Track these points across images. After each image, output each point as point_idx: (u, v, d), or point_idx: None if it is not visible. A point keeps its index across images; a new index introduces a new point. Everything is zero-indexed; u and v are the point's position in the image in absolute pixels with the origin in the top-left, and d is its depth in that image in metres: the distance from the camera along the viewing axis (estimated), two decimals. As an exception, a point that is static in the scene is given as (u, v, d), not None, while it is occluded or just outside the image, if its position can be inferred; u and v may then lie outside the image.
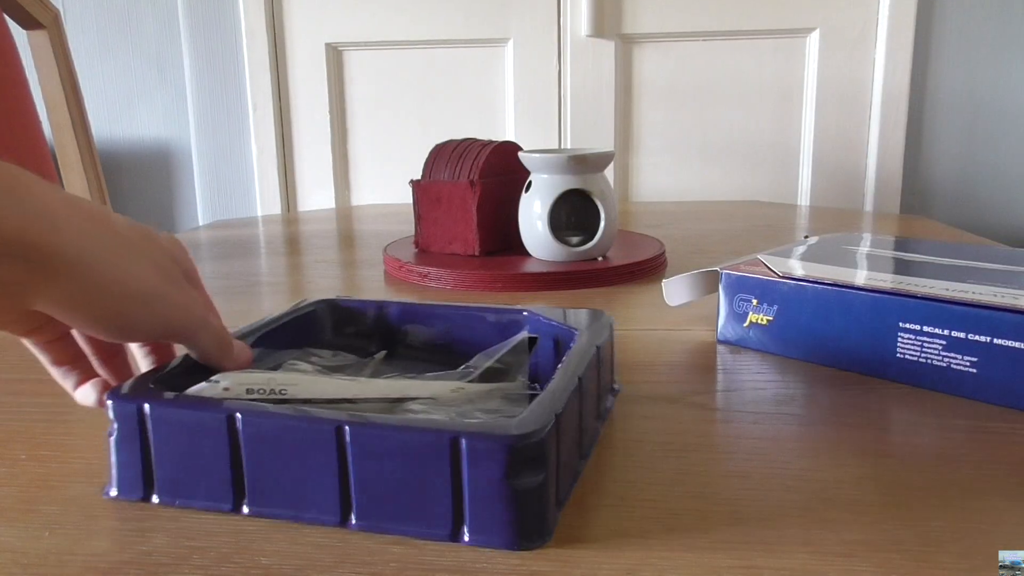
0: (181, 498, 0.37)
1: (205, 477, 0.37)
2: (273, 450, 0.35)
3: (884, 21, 1.78)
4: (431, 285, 0.84)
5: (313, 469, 0.35)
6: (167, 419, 0.37)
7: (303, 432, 0.35)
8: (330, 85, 1.92)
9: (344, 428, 0.34)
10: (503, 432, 0.33)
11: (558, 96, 1.88)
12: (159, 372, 0.41)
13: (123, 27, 1.96)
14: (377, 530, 0.35)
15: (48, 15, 1.10)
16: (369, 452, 0.34)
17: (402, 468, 0.34)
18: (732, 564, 0.32)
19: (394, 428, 0.34)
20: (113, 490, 0.39)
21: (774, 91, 1.84)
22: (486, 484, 0.33)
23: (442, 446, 0.33)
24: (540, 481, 0.33)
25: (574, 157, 0.83)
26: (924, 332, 0.50)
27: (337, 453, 0.34)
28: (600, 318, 0.50)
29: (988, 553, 0.32)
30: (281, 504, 0.36)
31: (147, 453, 0.38)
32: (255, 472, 0.36)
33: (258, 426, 0.35)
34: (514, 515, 0.33)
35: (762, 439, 0.44)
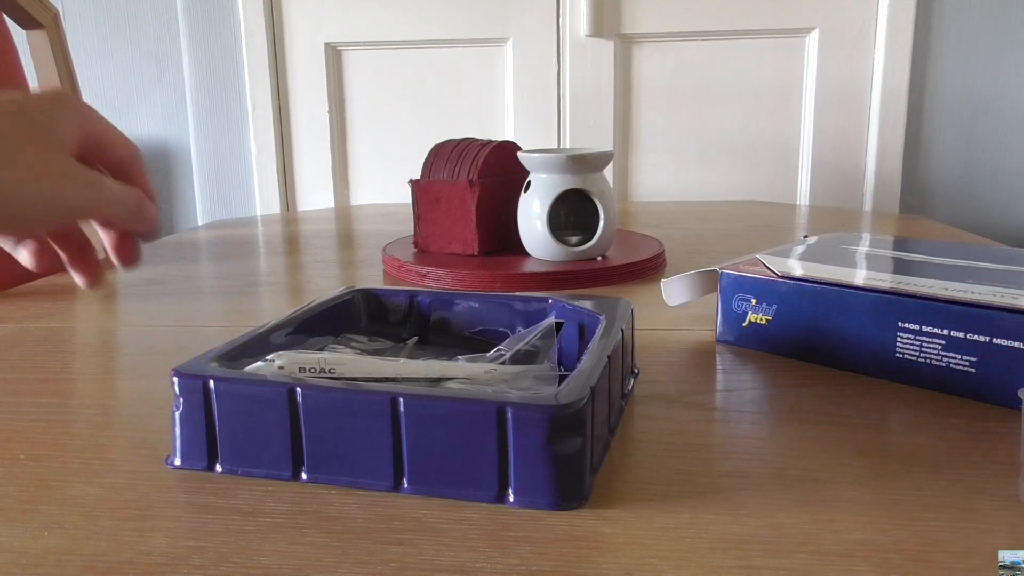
0: (244, 467, 0.40)
1: (267, 447, 0.39)
2: (331, 421, 0.38)
3: (883, 21, 1.78)
4: (430, 285, 0.84)
5: (368, 438, 0.38)
6: (232, 393, 0.40)
7: (360, 403, 0.38)
8: (329, 85, 1.92)
9: (399, 400, 0.37)
10: (546, 402, 0.36)
11: (557, 96, 1.88)
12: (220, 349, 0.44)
13: (122, 27, 1.96)
14: (427, 493, 0.37)
15: (47, 15, 1.10)
16: (421, 421, 0.37)
17: (452, 436, 0.37)
18: (732, 564, 0.32)
19: (445, 399, 0.37)
20: (177, 459, 0.41)
21: (773, 91, 1.84)
22: (530, 450, 0.36)
23: (489, 415, 0.36)
24: (579, 447, 0.37)
25: (573, 157, 0.83)
26: (923, 332, 0.50)
27: (391, 423, 0.37)
28: (621, 304, 0.52)
29: (988, 553, 0.32)
30: (337, 471, 0.39)
31: (211, 426, 0.40)
32: (314, 442, 0.39)
33: (317, 398, 0.38)
34: (555, 478, 0.36)
35: (762, 439, 0.44)
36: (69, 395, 0.56)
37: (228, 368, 0.42)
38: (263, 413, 0.39)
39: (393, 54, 1.90)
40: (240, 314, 0.77)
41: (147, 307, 0.80)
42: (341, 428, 0.38)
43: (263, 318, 0.75)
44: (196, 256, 1.12)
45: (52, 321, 0.74)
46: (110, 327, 0.75)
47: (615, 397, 0.46)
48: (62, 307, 0.80)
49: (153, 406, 0.51)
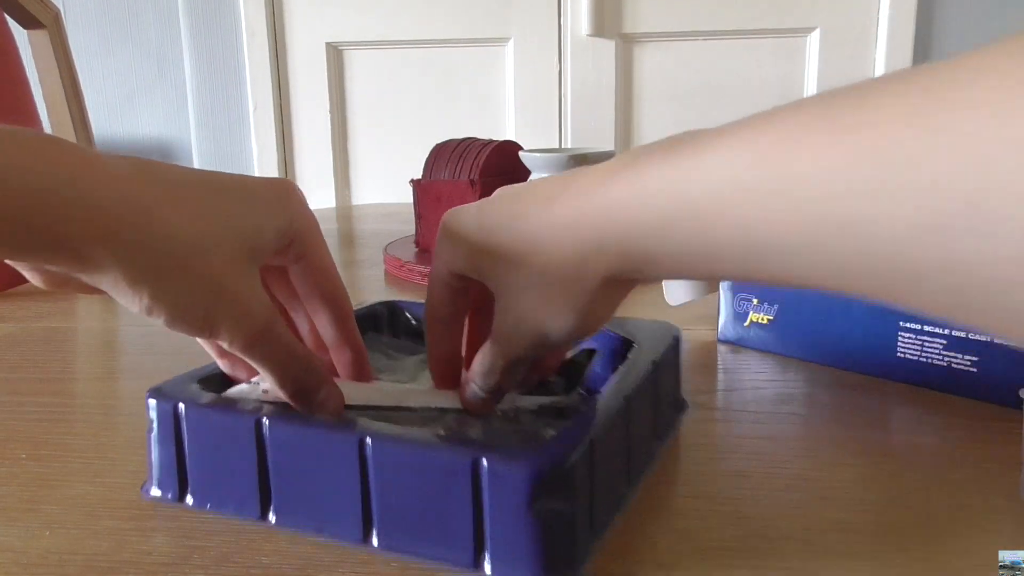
0: (212, 503, 0.36)
1: (234, 483, 0.36)
2: (298, 459, 0.34)
3: (884, 21, 1.78)
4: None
5: (336, 482, 0.34)
6: (200, 421, 0.36)
7: (326, 442, 0.34)
8: (330, 84, 1.92)
9: (366, 441, 0.33)
10: (527, 455, 0.31)
11: (558, 96, 1.88)
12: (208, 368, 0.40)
13: (124, 26, 1.96)
14: (398, 551, 0.33)
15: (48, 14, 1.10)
16: (390, 468, 0.33)
17: (423, 487, 0.32)
18: (732, 564, 0.32)
19: (415, 444, 0.33)
20: (154, 490, 0.38)
21: (775, 90, 1.84)
22: (508, 510, 0.31)
23: (463, 466, 0.31)
24: (568, 510, 0.31)
25: (574, 157, 0.83)
26: (925, 332, 0.50)
27: (359, 467, 0.33)
28: (664, 329, 0.46)
29: (988, 553, 0.32)
30: (305, 517, 0.35)
31: (181, 455, 0.37)
32: (281, 481, 0.35)
33: (283, 433, 0.34)
34: (538, 545, 0.30)
35: (762, 439, 0.44)
36: (70, 395, 0.56)
37: (208, 391, 0.38)
38: (230, 446, 0.35)
39: (394, 54, 1.90)
40: (241, 314, 0.77)
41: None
42: (309, 468, 0.34)
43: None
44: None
45: (53, 321, 0.74)
46: (111, 327, 0.75)
47: (641, 442, 0.39)
48: (63, 307, 0.80)
49: (154, 406, 0.51)
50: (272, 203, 0.34)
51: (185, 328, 0.31)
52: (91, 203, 0.28)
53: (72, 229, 0.27)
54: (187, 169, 0.33)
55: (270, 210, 0.34)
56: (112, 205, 0.28)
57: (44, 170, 0.27)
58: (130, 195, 0.29)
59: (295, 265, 0.37)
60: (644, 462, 0.40)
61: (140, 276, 0.29)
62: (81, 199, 0.27)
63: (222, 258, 0.31)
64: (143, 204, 0.29)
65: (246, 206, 0.33)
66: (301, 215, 0.36)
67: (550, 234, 0.31)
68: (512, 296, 0.33)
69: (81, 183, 0.28)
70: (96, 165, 0.29)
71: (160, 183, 0.31)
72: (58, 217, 0.27)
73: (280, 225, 0.34)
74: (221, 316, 0.31)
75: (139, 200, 0.29)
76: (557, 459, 0.31)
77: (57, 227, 0.27)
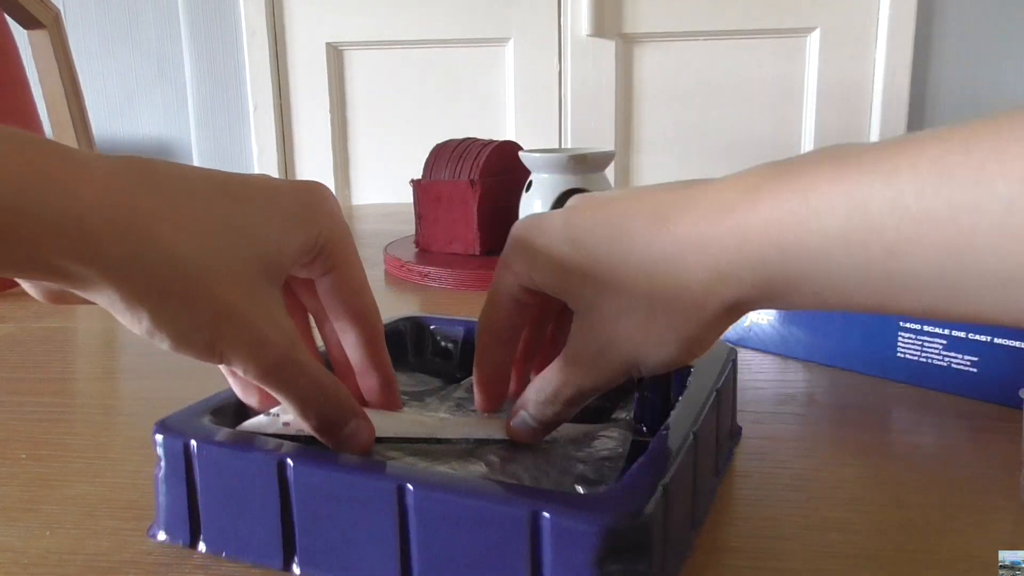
0: (228, 550, 0.33)
1: (253, 528, 0.32)
2: (327, 505, 0.31)
3: (884, 20, 1.78)
4: (432, 285, 0.84)
5: (370, 532, 0.30)
6: (214, 461, 0.32)
7: (360, 488, 0.30)
8: (331, 84, 1.92)
9: (406, 488, 0.29)
10: (597, 508, 0.27)
11: (558, 96, 1.88)
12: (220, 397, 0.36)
13: (124, 26, 1.96)
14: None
15: (48, 15, 1.10)
16: (433, 520, 0.29)
17: (473, 542, 0.28)
18: (732, 564, 0.32)
19: (463, 494, 0.28)
20: (162, 534, 0.34)
21: (775, 90, 1.84)
22: (574, 571, 0.27)
23: (520, 521, 0.27)
24: (643, 570, 0.27)
25: (574, 157, 0.83)
26: (924, 331, 0.50)
27: (398, 517, 0.29)
28: (718, 350, 0.42)
29: (988, 553, 0.32)
30: (334, 567, 0.31)
31: (194, 496, 0.33)
32: (307, 528, 0.31)
33: (311, 476, 0.31)
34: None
35: (762, 439, 0.44)
36: (70, 395, 0.56)
37: (221, 424, 0.34)
38: (249, 488, 0.32)
39: (394, 54, 1.91)
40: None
41: (148, 307, 0.80)
42: (338, 515, 0.30)
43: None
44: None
45: (53, 321, 0.74)
46: (111, 327, 0.75)
47: (703, 482, 0.35)
48: (63, 307, 0.80)
49: (154, 406, 0.51)
50: (296, 214, 0.31)
51: (191, 354, 0.28)
52: (73, 215, 0.24)
53: (51, 246, 0.24)
54: (198, 171, 0.29)
55: (293, 222, 0.31)
56: (99, 218, 0.25)
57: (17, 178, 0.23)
58: (122, 205, 0.26)
59: (323, 278, 0.33)
60: (707, 502, 0.36)
61: (138, 297, 0.26)
62: (61, 211, 0.24)
63: (233, 278, 0.28)
64: (138, 216, 0.26)
65: (264, 218, 0.30)
66: (331, 226, 0.32)
67: (667, 257, 0.28)
68: (604, 320, 0.30)
69: (61, 192, 0.24)
70: (82, 170, 0.25)
71: (161, 191, 0.27)
72: (33, 233, 0.24)
73: (304, 240, 0.31)
74: (232, 343, 0.28)
75: (133, 211, 0.26)
76: (631, 511, 0.27)
77: (34, 244, 0.24)
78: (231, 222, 0.29)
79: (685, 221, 0.28)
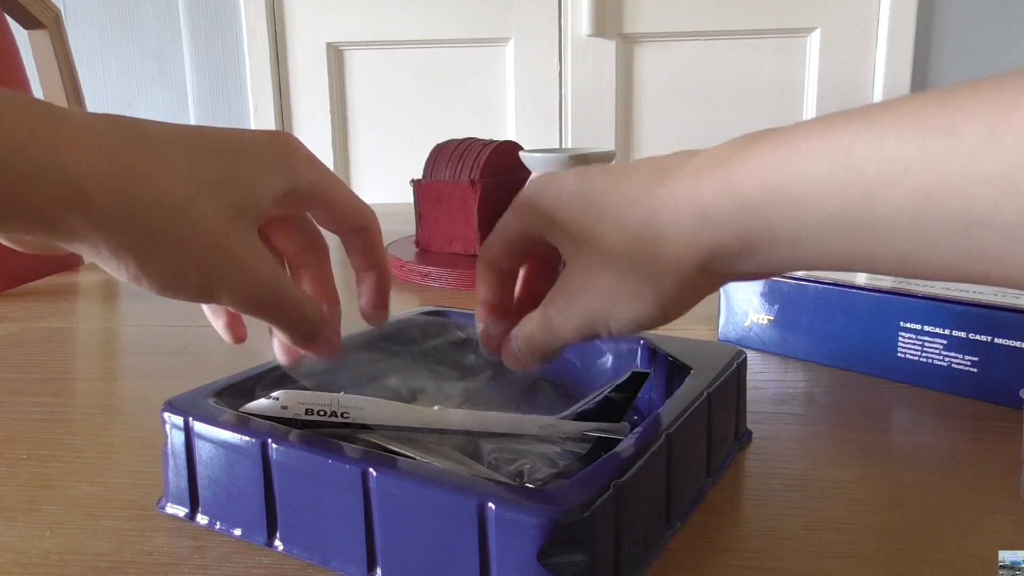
0: (222, 522, 0.35)
1: (242, 504, 0.34)
2: (304, 486, 0.33)
3: (885, 20, 1.78)
4: (432, 285, 0.84)
5: (341, 512, 0.32)
6: (209, 438, 0.35)
7: (329, 470, 0.32)
8: (331, 84, 1.92)
9: (369, 472, 0.31)
10: (537, 505, 0.28)
11: (559, 96, 1.88)
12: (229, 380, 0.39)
13: (124, 26, 1.96)
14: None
15: (49, 15, 1.10)
16: (392, 503, 0.30)
17: (429, 527, 0.30)
18: (732, 564, 0.32)
19: (419, 479, 0.30)
20: (170, 506, 0.37)
21: (775, 90, 1.84)
22: (517, 561, 0.28)
23: (468, 511, 0.28)
24: (584, 563, 0.28)
25: (575, 156, 0.83)
26: (925, 332, 0.50)
27: (363, 499, 0.31)
28: (725, 353, 0.42)
29: (988, 553, 0.32)
30: (310, 545, 0.33)
31: (193, 471, 0.36)
32: (287, 506, 0.33)
33: (288, 456, 0.33)
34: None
35: (762, 439, 0.44)
36: (71, 395, 0.56)
37: (228, 406, 0.36)
38: (238, 465, 0.34)
39: (395, 54, 1.91)
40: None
41: (149, 307, 0.80)
42: (313, 496, 0.32)
43: (264, 318, 0.75)
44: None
45: (54, 321, 0.74)
46: (112, 327, 0.75)
47: (682, 481, 0.35)
48: (63, 307, 0.80)
49: (155, 406, 0.51)
50: (269, 161, 0.33)
51: (180, 295, 0.30)
52: (57, 167, 0.25)
53: (38, 196, 0.25)
54: (173, 126, 0.31)
55: (267, 169, 0.32)
56: (84, 168, 0.26)
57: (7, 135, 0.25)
58: (105, 157, 0.27)
59: (317, 212, 0.36)
60: (690, 501, 0.36)
61: (122, 244, 0.27)
62: (46, 163, 0.25)
63: (215, 221, 0.29)
64: (121, 166, 0.27)
65: (239, 166, 0.31)
66: (304, 170, 0.34)
67: (662, 207, 0.29)
68: (583, 268, 0.31)
69: (46, 145, 0.25)
70: (66, 125, 0.26)
71: (141, 143, 0.29)
72: (21, 183, 0.25)
73: (280, 185, 0.33)
74: (221, 281, 0.30)
75: (116, 162, 0.27)
76: (575, 507, 0.28)
77: (21, 194, 0.25)
78: (209, 170, 0.30)
79: (682, 173, 0.29)
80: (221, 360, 0.42)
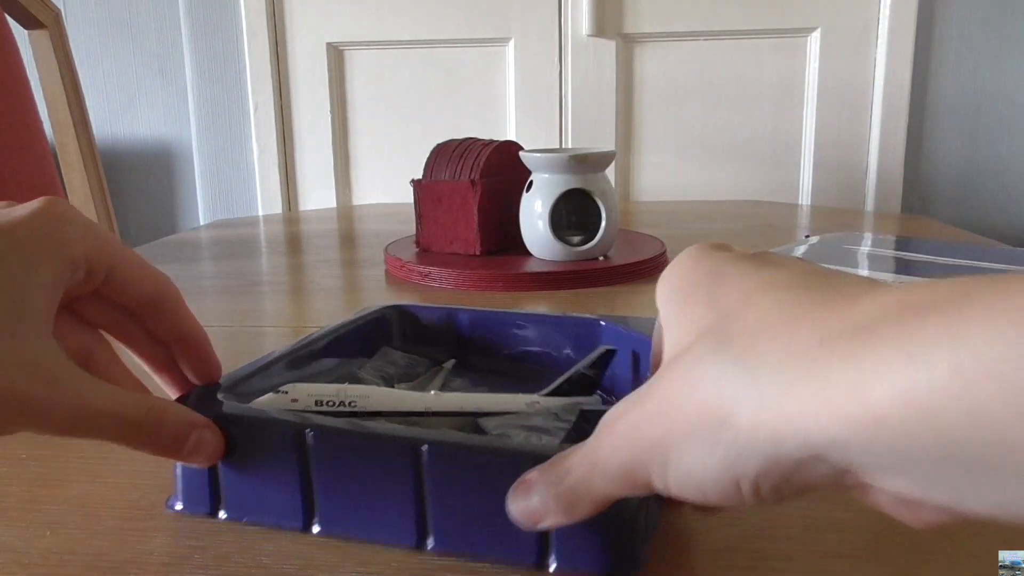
0: (249, 515, 0.36)
1: (274, 494, 0.35)
2: (345, 468, 0.34)
3: (885, 20, 1.78)
4: (432, 284, 0.84)
5: (388, 489, 0.33)
6: (236, 433, 0.35)
7: (378, 450, 0.33)
8: (331, 84, 1.92)
9: (421, 447, 0.32)
10: None
11: (559, 96, 1.88)
12: (229, 380, 0.39)
13: (124, 26, 1.96)
14: (457, 554, 0.33)
15: (49, 14, 1.10)
16: (447, 473, 0.32)
17: (483, 491, 0.31)
18: (733, 564, 0.32)
19: (475, 448, 0.32)
20: (179, 504, 0.37)
21: (775, 90, 1.84)
22: None
23: (527, 469, 0.30)
24: (632, 507, 0.31)
25: (575, 157, 0.83)
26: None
27: (414, 473, 0.32)
28: None
29: (988, 553, 0.32)
30: (353, 525, 0.34)
31: (214, 467, 0.36)
32: (326, 491, 0.34)
33: (329, 442, 0.34)
34: (604, 543, 0.31)
35: (763, 439, 0.44)
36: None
37: (236, 400, 0.37)
38: (269, 457, 0.35)
39: (395, 54, 1.91)
40: (242, 314, 0.77)
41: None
42: (357, 477, 0.34)
43: (265, 318, 0.75)
44: (197, 256, 1.12)
45: (54, 321, 0.74)
46: (112, 327, 0.75)
47: None
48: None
49: (155, 406, 0.51)
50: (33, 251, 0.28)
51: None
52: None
53: None
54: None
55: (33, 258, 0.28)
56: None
57: None
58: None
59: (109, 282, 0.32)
60: None
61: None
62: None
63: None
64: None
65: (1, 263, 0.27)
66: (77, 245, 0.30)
67: None
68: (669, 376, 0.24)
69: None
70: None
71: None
72: None
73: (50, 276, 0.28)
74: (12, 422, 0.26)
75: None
76: None
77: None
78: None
79: None
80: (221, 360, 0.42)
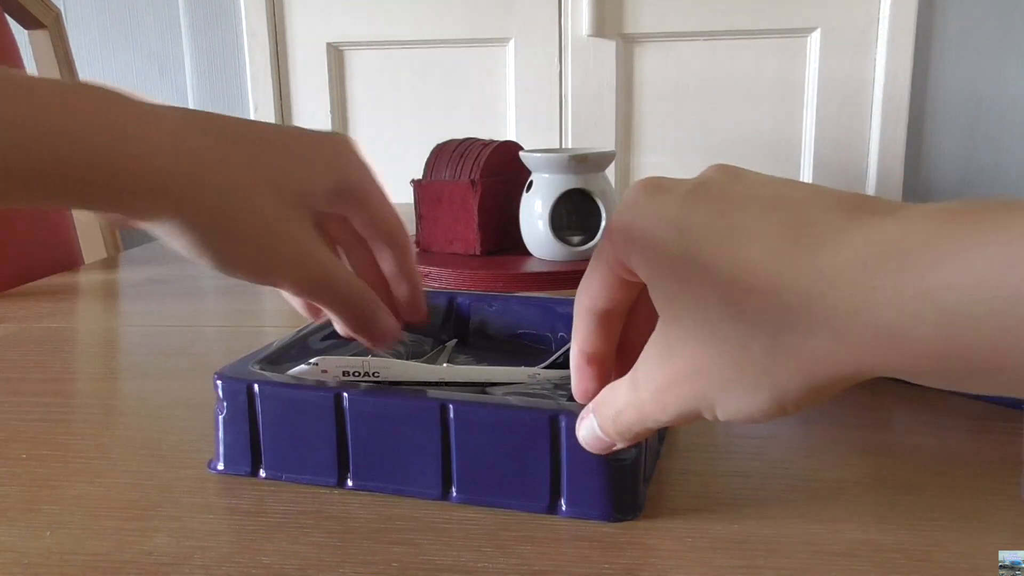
0: (288, 473, 0.40)
1: (312, 454, 0.39)
2: (378, 428, 0.38)
3: (885, 21, 1.78)
4: (432, 284, 0.84)
5: (416, 446, 0.37)
6: (277, 398, 0.39)
7: (409, 410, 0.37)
8: (331, 85, 1.92)
9: (448, 406, 0.36)
10: None
11: (559, 96, 1.88)
12: (263, 352, 0.43)
13: (124, 26, 1.96)
14: (477, 503, 0.37)
15: (49, 15, 1.10)
16: (471, 429, 0.36)
17: (503, 444, 0.36)
18: (732, 564, 0.32)
19: (496, 407, 0.37)
20: (220, 464, 0.41)
21: (775, 91, 1.84)
22: (584, 459, 0.34)
23: (543, 424, 0.35)
24: (634, 457, 0.35)
25: (575, 157, 0.83)
26: (925, 332, 0.50)
27: (440, 430, 0.37)
28: None
29: (988, 553, 0.32)
30: (384, 479, 0.38)
31: (255, 431, 0.40)
32: (360, 449, 0.38)
33: (364, 405, 0.38)
34: (610, 488, 0.35)
35: (762, 439, 0.44)
36: (71, 395, 0.56)
37: (271, 372, 0.41)
38: (308, 419, 0.39)
39: (395, 54, 1.91)
40: (242, 314, 0.77)
41: (149, 307, 0.80)
42: (388, 435, 0.38)
43: (265, 318, 0.75)
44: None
45: (53, 321, 0.74)
46: (112, 327, 0.75)
47: None
48: (63, 307, 0.80)
49: (155, 406, 0.51)
50: (319, 160, 0.36)
51: (238, 273, 0.33)
52: (142, 156, 0.29)
53: (124, 183, 0.29)
54: (237, 120, 0.34)
55: (318, 166, 0.35)
56: (163, 158, 0.30)
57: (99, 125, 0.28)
58: (181, 147, 0.30)
59: (357, 213, 0.38)
60: None
61: (191, 224, 0.30)
62: (133, 154, 0.29)
63: (275, 210, 0.32)
64: (193, 156, 0.31)
65: (294, 160, 0.34)
66: (353, 170, 0.37)
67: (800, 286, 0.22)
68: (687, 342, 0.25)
69: (133, 137, 0.29)
70: (146, 117, 0.30)
71: (209, 134, 0.32)
72: (109, 169, 0.28)
73: (328, 183, 0.35)
74: (279, 264, 0.33)
75: (189, 152, 0.30)
76: None
77: (108, 178, 0.29)
78: (271, 164, 0.33)
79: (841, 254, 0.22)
80: (221, 360, 0.43)
